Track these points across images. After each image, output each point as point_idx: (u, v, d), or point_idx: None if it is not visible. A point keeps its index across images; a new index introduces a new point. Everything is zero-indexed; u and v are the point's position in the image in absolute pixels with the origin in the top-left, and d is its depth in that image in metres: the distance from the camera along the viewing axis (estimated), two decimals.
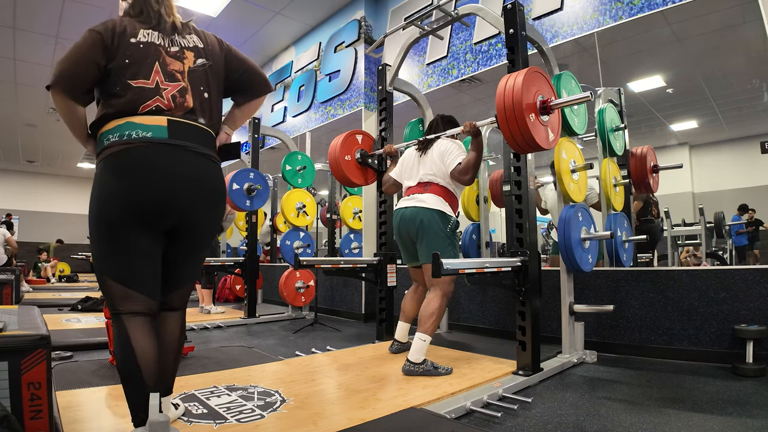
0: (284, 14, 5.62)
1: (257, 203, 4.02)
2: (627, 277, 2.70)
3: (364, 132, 3.09)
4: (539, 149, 1.92)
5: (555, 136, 2.04)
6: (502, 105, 1.85)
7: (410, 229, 2.29)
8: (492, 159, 3.65)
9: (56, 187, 13.31)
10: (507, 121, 1.85)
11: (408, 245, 2.38)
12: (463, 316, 3.46)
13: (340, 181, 3.07)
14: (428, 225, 2.22)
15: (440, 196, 2.27)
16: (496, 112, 1.89)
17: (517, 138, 1.87)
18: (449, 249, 2.21)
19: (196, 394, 1.73)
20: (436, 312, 2.17)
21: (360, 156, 3.00)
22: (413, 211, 2.26)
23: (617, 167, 2.99)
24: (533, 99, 1.90)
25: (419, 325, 2.16)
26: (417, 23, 2.62)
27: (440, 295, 2.20)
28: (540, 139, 1.89)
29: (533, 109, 1.89)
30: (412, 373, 2.04)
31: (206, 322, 3.75)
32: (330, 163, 2.99)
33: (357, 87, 5.02)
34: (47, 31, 5.75)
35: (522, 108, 1.81)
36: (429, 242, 2.21)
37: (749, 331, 2.18)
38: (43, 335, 1.19)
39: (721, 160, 4.43)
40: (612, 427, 1.55)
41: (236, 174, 3.96)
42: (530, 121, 1.84)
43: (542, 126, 1.93)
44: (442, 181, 2.30)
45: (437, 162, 2.31)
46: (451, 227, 2.26)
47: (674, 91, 4.00)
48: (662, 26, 3.15)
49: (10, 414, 1.07)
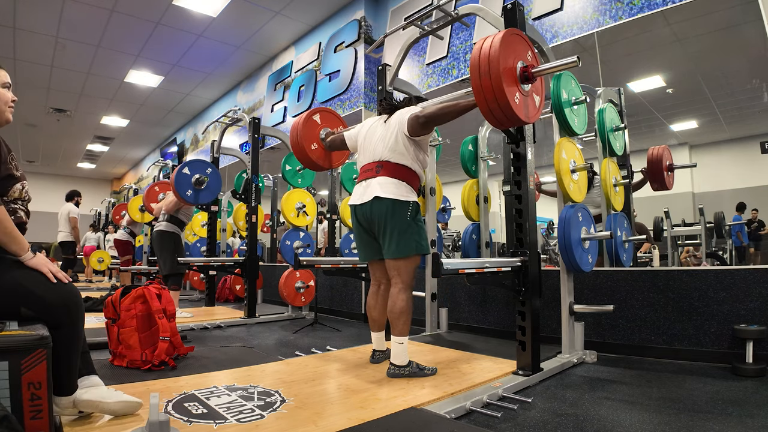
0: (284, 14, 5.62)
1: (203, 197, 3.89)
2: (627, 277, 2.70)
3: (321, 110, 2.76)
4: (519, 123, 1.74)
5: (538, 110, 1.83)
6: (476, 71, 1.61)
7: (370, 225, 2.12)
8: (492, 159, 3.65)
9: (56, 187, 13.30)
10: (482, 90, 1.61)
11: (367, 240, 2.20)
12: (463, 316, 3.46)
13: (307, 167, 2.77)
14: (388, 218, 2.03)
15: (395, 177, 2.06)
16: (470, 80, 1.65)
17: (494, 110, 1.65)
18: (415, 236, 2.05)
19: (196, 394, 1.73)
20: (405, 309, 2.04)
21: (325, 136, 2.68)
22: (368, 206, 2.07)
23: (617, 167, 2.99)
24: (513, 64, 1.68)
25: (392, 328, 2.05)
26: (417, 23, 2.62)
27: (403, 289, 2.06)
28: (520, 111, 1.66)
29: (512, 75, 1.66)
30: (397, 376, 2.00)
31: (206, 322, 3.74)
32: (293, 148, 2.70)
33: (357, 87, 5.02)
34: (47, 31, 5.75)
35: (499, 74, 1.58)
36: (393, 236, 2.04)
37: (749, 331, 2.18)
38: (43, 335, 1.19)
39: (721, 160, 4.43)
40: (612, 427, 1.55)
41: (193, 161, 3.89)
42: (509, 90, 1.62)
43: (523, 96, 1.71)
44: (398, 156, 2.07)
45: (394, 131, 2.08)
46: (411, 212, 2.06)
47: (674, 91, 4.00)
48: (662, 26, 3.15)
49: (10, 414, 1.07)
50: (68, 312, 1.32)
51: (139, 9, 5.36)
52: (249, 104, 7.31)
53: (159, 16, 5.55)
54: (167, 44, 6.30)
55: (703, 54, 3.62)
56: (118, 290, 2.46)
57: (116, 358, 2.33)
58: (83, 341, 1.44)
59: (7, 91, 1.45)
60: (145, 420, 1.18)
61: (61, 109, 8.65)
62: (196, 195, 3.85)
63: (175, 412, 1.53)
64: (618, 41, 3.33)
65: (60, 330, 1.29)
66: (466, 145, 3.62)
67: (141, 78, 7.40)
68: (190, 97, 8.32)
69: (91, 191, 13.09)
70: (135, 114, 9.12)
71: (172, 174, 3.86)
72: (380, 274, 2.29)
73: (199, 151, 9.00)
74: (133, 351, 2.28)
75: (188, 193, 3.80)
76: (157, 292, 2.45)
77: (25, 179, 1.47)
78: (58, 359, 1.27)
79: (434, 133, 3.26)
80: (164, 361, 2.30)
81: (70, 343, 1.33)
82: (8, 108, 1.45)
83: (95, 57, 6.54)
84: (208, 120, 8.51)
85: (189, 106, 8.84)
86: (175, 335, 2.42)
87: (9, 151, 1.39)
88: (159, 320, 2.36)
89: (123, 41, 6.12)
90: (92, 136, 10.54)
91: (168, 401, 1.64)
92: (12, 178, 1.40)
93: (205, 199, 3.93)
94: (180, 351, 2.46)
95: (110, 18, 5.46)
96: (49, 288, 1.32)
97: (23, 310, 1.29)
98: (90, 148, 11.45)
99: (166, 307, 2.44)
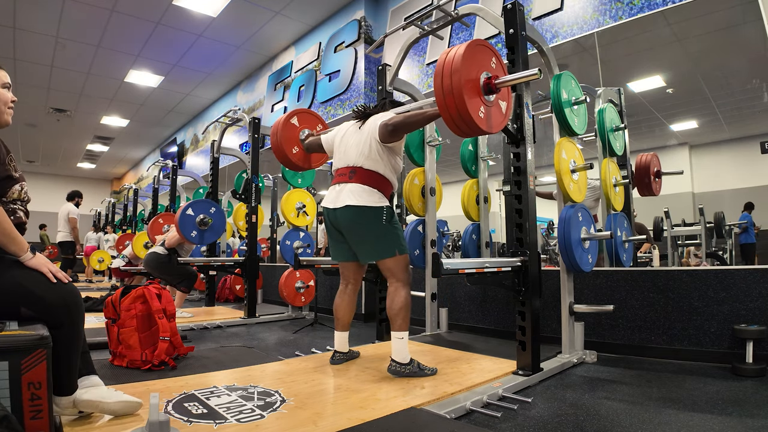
0: (284, 14, 5.62)
1: (207, 238, 3.84)
2: (627, 277, 2.70)
3: (299, 111, 2.76)
4: (481, 133, 1.75)
5: (504, 116, 1.84)
6: (439, 83, 1.63)
7: (344, 231, 2.14)
8: (492, 159, 3.65)
9: (56, 187, 13.30)
10: (445, 101, 1.63)
11: (339, 240, 2.21)
12: (463, 316, 3.46)
13: (288, 168, 2.80)
14: (363, 225, 2.07)
15: (367, 184, 2.07)
16: (435, 95, 1.68)
17: (459, 125, 1.67)
18: (393, 239, 2.08)
19: (196, 394, 1.73)
20: (403, 306, 2.05)
21: (305, 138, 2.68)
22: (342, 212, 2.09)
23: (617, 167, 3.00)
24: (476, 76, 1.68)
25: (391, 324, 2.06)
26: (417, 23, 2.62)
27: (401, 286, 2.09)
28: (483, 124, 1.67)
29: (476, 88, 1.68)
30: (398, 374, 2.00)
31: (206, 322, 3.74)
32: (274, 151, 2.69)
33: (357, 87, 5.02)
34: (47, 31, 5.76)
35: (462, 92, 1.59)
36: (370, 241, 2.09)
37: (749, 331, 2.18)
38: (43, 335, 1.19)
39: (721, 160, 4.43)
40: (612, 427, 1.55)
41: (197, 202, 3.88)
42: (472, 104, 1.63)
43: (487, 107, 1.72)
44: (371, 163, 2.09)
45: (367, 138, 2.10)
46: (387, 216, 2.08)
47: (674, 91, 4.00)
48: (662, 26, 3.15)
49: (10, 414, 1.07)
50: (68, 312, 1.33)
51: (139, 9, 5.37)
52: (249, 104, 7.31)
53: (159, 16, 5.55)
54: (167, 44, 6.30)
55: (703, 54, 3.63)
56: (118, 290, 2.46)
57: (116, 358, 2.33)
58: (83, 341, 1.44)
59: (7, 92, 1.45)
60: (145, 420, 1.18)
61: (61, 109, 8.65)
62: (201, 236, 3.81)
63: (175, 412, 1.53)
64: (618, 41, 3.34)
65: (60, 330, 1.29)
66: (466, 145, 3.62)
67: (141, 78, 7.40)
68: (190, 97, 8.33)
69: (91, 191, 13.08)
70: (135, 114, 9.12)
71: (177, 213, 3.84)
72: (349, 274, 2.31)
73: (199, 151, 9.00)
74: (133, 351, 2.29)
75: (193, 234, 3.78)
76: (157, 292, 2.45)
77: (24, 180, 1.47)
78: (58, 359, 1.27)
79: (434, 134, 3.26)
80: (164, 361, 2.30)
81: (70, 343, 1.33)
82: (8, 109, 1.45)
83: (95, 57, 6.55)
84: (208, 120, 8.51)
85: (189, 106, 8.85)
86: (175, 335, 2.42)
87: (8, 152, 1.39)
88: (159, 320, 2.36)
89: (123, 41, 6.12)
90: (92, 136, 10.55)
91: (168, 401, 1.64)
92: (11, 179, 1.40)
93: (209, 239, 3.89)
94: (180, 351, 2.46)
95: (110, 18, 5.46)
96: (49, 288, 1.32)
97: (23, 310, 1.29)
98: (90, 148, 11.46)
99: (166, 307, 2.44)
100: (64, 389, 1.34)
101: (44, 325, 1.26)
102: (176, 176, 6.22)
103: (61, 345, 1.28)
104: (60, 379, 1.31)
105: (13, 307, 1.29)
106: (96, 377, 1.49)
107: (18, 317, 1.29)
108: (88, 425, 1.39)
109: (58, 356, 1.26)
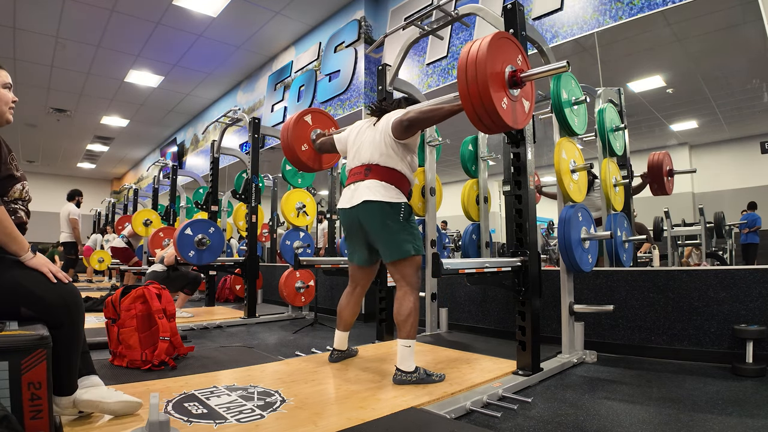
0: (284, 14, 5.62)
1: (206, 258, 3.84)
2: (627, 277, 2.70)
3: (313, 110, 2.75)
4: (507, 129, 1.70)
5: (527, 115, 1.80)
6: (464, 76, 1.58)
7: (358, 229, 2.08)
8: (492, 159, 3.65)
9: (56, 187, 13.30)
10: (469, 96, 1.58)
11: (359, 245, 2.16)
12: (463, 316, 3.46)
13: (297, 168, 2.75)
14: (381, 221, 1.98)
15: (384, 180, 2.01)
16: (458, 85, 1.63)
17: (481, 116, 1.61)
18: (410, 238, 2.00)
19: (196, 394, 1.73)
20: (412, 312, 1.97)
21: (315, 138, 2.65)
22: (357, 210, 2.02)
23: (617, 167, 3.00)
24: (501, 69, 1.64)
25: (399, 331, 1.97)
26: (417, 23, 2.62)
27: (410, 291, 2.01)
28: (507, 117, 1.63)
29: (500, 80, 1.64)
30: (404, 383, 1.90)
31: (206, 322, 3.74)
32: (283, 148, 2.66)
33: (357, 87, 5.02)
34: (47, 31, 5.76)
35: (486, 80, 1.54)
36: (387, 238, 1.99)
37: (749, 331, 2.18)
38: (43, 335, 1.19)
39: (721, 160, 4.43)
40: (612, 427, 1.55)
41: (196, 222, 3.88)
42: (496, 96, 1.58)
43: (511, 101, 1.67)
44: (386, 159, 2.03)
45: (382, 134, 2.05)
46: (404, 213, 2.00)
47: (674, 91, 4.00)
48: (662, 26, 3.15)
49: (10, 414, 1.07)
50: (68, 312, 1.33)
51: (139, 9, 5.36)
52: (249, 104, 7.31)
53: (159, 16, 5.55)
54: (167, 44, 6.30)
55: (703, 54, 3.63)
56: (118, 290, 2.46)
57: (116, 358, 2.33)
58: (83, 341, 1.44)
59: (8, 92, 1.45)
60: (145, 420, 1.18)
61: (61, 109, 8.65)
62: (199, 256, 3.80)
63: (175, 412, 1.53)
64: (618, 41, 3.34)
65: (60, 330, 1.29)
66: (466, 145, 3.62)
67: (141, 78, 7.40)
68: (190, 97, 8.32)
69: (91, 191, 13.08)
70: (135, 114, 9.12)
71: (175, 233, 3.84)
72: (359, 278, 2.27)
73: (199, 151, 9.00)
74: (133, 351, 2.28)
75: (191, 254, 3.76)
76: (157, 292, 2.45)
77: (26, 179, 1.47)
78: (58, 359, 1.27)
79: (434, 134, 3.26)
80: (164, 361, 2.30)
81: (70, 343, 1.33)
82: (9, 109, 1.45)
83: (95, 57, 6.55)
84: (208, 120, 8.51)
85: (189, 106, 8.85)
86: (175, 335, 2.42)
87: (9, 152, 1.38)
88: (159, 320, 2.36)
89: (123, 41, 6.12)
90: (92, 136, 10.54)
91: (168, 401, 1.64)
92: (12, 179, 1.40)
93: (207, 260, 3.87)
94: (180, 351, 2.46)
95: (110, 18, 5.46)
96: (49, 288, 1.32)
97: (23, 310, 1.29)
98: (90, 148, 11.45)
99: (166, 307, 2.44)
100: (64, 389, 1.34)
101: (44, 325, 1.26)
102: (176, 176, 6.22)
103: (61, 345, 1.28)
104: (60, 379, 1.31)
105: (14, 307, 1.29)
106: (96, 377, 1.49)
107: (18, 317, 1.29)
108: (88, 425, 1.39)
109: (58, 356, 1.26)
